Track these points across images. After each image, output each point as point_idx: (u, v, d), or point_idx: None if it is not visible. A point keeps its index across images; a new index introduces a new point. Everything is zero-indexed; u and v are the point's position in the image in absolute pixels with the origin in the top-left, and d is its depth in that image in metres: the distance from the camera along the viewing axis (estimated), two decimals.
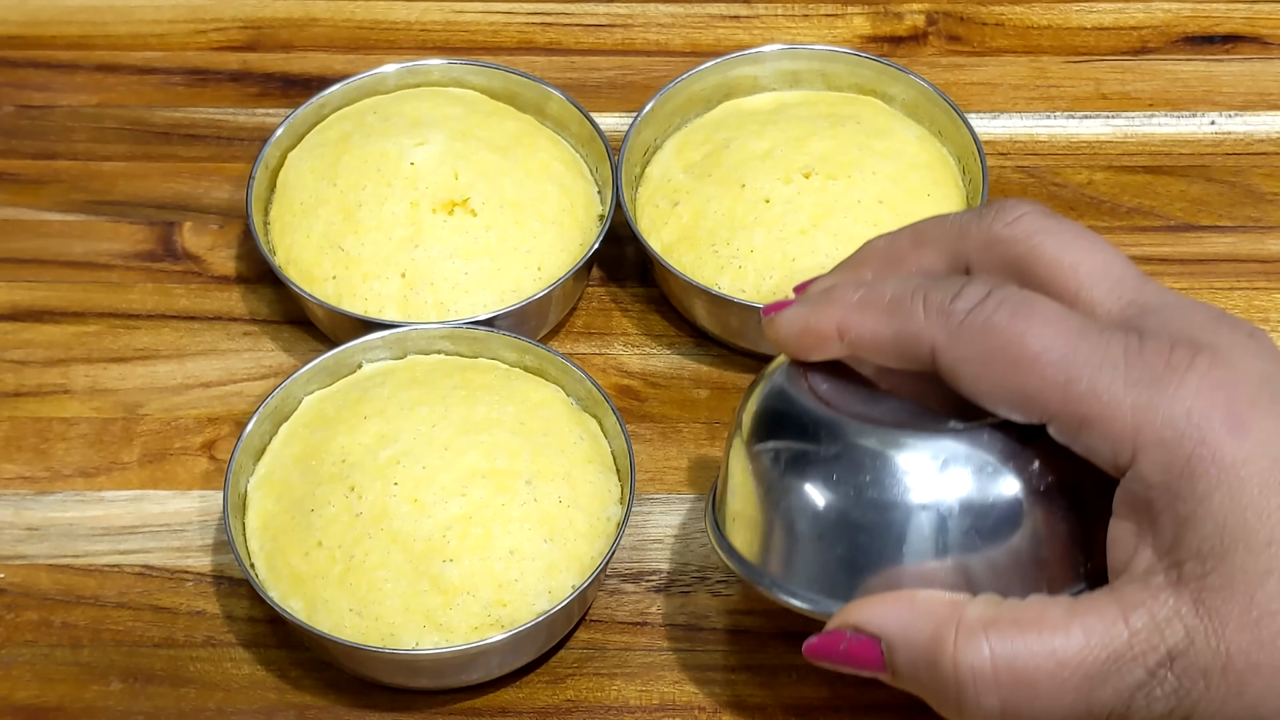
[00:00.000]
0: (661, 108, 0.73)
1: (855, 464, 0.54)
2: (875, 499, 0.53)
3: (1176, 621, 0.49)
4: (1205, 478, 0.49)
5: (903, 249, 0.57)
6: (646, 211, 0.71)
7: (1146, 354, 0.50)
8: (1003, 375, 0.51)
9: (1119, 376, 0.50)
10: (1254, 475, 0.49)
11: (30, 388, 0.70)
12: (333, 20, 0.83)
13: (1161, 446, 0.49)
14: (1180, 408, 0.49)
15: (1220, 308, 0.53)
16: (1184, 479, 0.49)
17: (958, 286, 0.52)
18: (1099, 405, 0.50)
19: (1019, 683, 0.50)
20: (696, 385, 0.70)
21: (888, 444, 0.53)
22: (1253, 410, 0.49)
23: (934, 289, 0.53)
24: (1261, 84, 0.79)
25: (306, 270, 0.69)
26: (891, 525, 0.53)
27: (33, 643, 0.63)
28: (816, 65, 0.74)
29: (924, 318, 0.52)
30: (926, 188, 0.70)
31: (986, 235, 0.54)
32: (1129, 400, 0.50)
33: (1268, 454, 0.49)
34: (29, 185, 0.76)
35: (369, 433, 0.62)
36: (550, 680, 0.62)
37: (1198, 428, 0.49)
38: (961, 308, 0.52)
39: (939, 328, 0.52)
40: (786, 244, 0.68)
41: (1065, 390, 0.50)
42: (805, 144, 0.70)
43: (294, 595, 0.60)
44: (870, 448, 0.53)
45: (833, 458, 0.54)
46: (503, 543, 0.60)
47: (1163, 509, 0.50)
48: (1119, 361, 0.50)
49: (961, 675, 0.51)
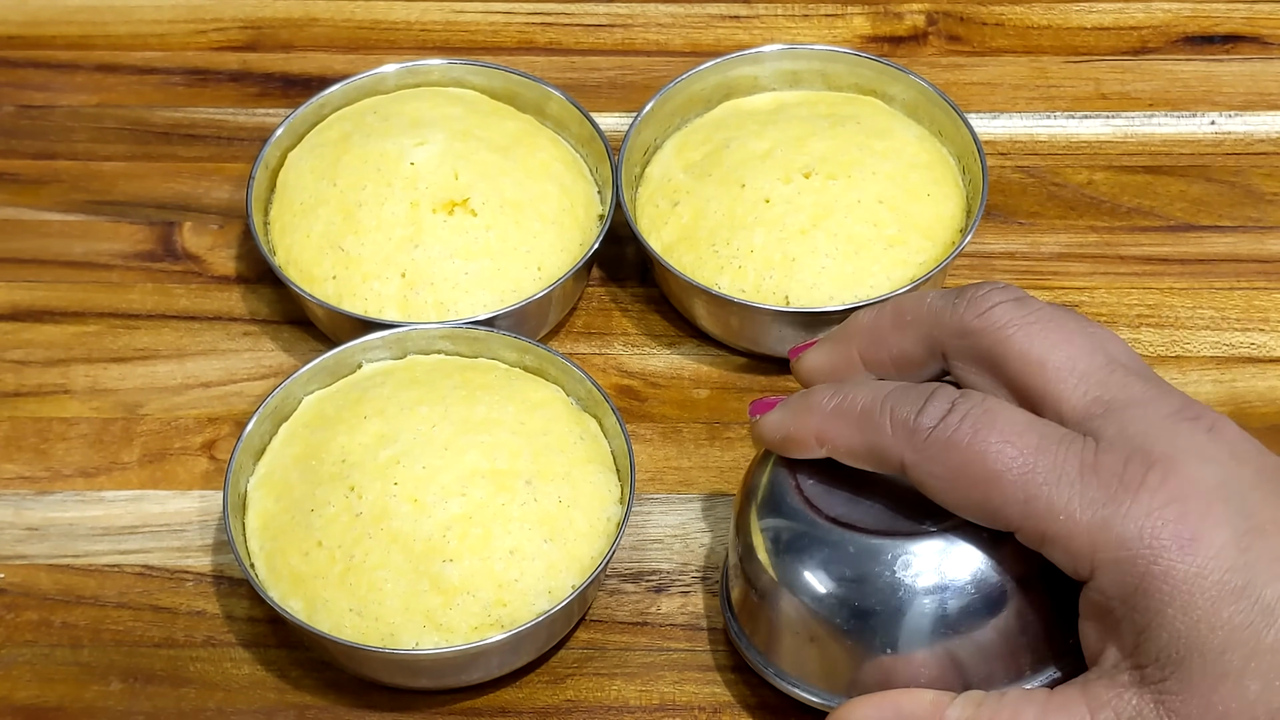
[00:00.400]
0: (661, 108, 0.73)
1: (840, 567, 0.56)
2: (858, 601, 0.56)
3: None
4: (1159, 594, 0.50)
5: (884, 329, 0.58)
6: (646, 211, 0.71)
7: (1102, 469, 0.51)
8: (967, 492, 0.53)
9: (1075, 495, 0.51)
10: (1205, 589, 0.50)
11: (30, 388, 0.70)
12: (333, 20, 0.83)
13: (1116, 565, 0.51)
14: (1133, 527, 0.51)
15: (1186, 395, 0.54)
16: (1139, 595, 0.51)
17: (923, 400, 0.54)
18: (1056, 524, 0.52)
19: None
20: (696, 385, 0.70)
21: (869, 547, 0.56)
22: (1204, 523, 0.50)
23: (901, 402, 0.54)
24: (1261, 84, 0.79)
25: (306, 270, 0.69)
26: (875, 624, 0.55)
27: (33, 643, 0.63)
28: (816, 65, 0.74)
29: (891, 434, 0.54)
30: (926, 188, 0.70)
31: (959, 325, 0.56)
32: (1084, 519, 0.51)
33: (1219, 566, 0.50)
34: (29, 185, 0.76)
35: (369, 433, 0.62)
36: (550, 680, 0.62)
37: (1149, 547, 0.50)
38: (925, 425, 0.53)
39: (905, 444, 0.54)
40: (786, 244, 0.68)
41: (1025, 508, 0.52)
42: (805, 144, 0.70)
43: (294, 595, 0.60)
44: (852, 552, 0.56)
45: (819, 562, 0.56)
46: (503, 543, 0.60)
47: (1122, 618, 0.51)
48: (1075, 479, 0.51)
49: None
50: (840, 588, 0.56)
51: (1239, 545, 0.50)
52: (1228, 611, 0.50)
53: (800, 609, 0.57)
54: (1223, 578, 0.50)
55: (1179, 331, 0.71)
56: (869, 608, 0.55)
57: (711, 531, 0.65)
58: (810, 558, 0.56)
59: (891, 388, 0.55)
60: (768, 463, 0.59)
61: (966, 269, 0.73)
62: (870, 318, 0.58)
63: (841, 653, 0.56)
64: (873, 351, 0.58)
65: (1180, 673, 0.50)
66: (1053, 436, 0.52)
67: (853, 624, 0.56)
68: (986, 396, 0.53)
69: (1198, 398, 0.68)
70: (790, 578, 0.57)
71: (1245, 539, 0.50)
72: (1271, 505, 0.51)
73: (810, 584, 0.56)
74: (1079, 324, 0.55)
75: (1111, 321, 0.71)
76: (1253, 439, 0.53)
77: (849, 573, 0.56)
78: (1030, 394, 0.54)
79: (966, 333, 0.55)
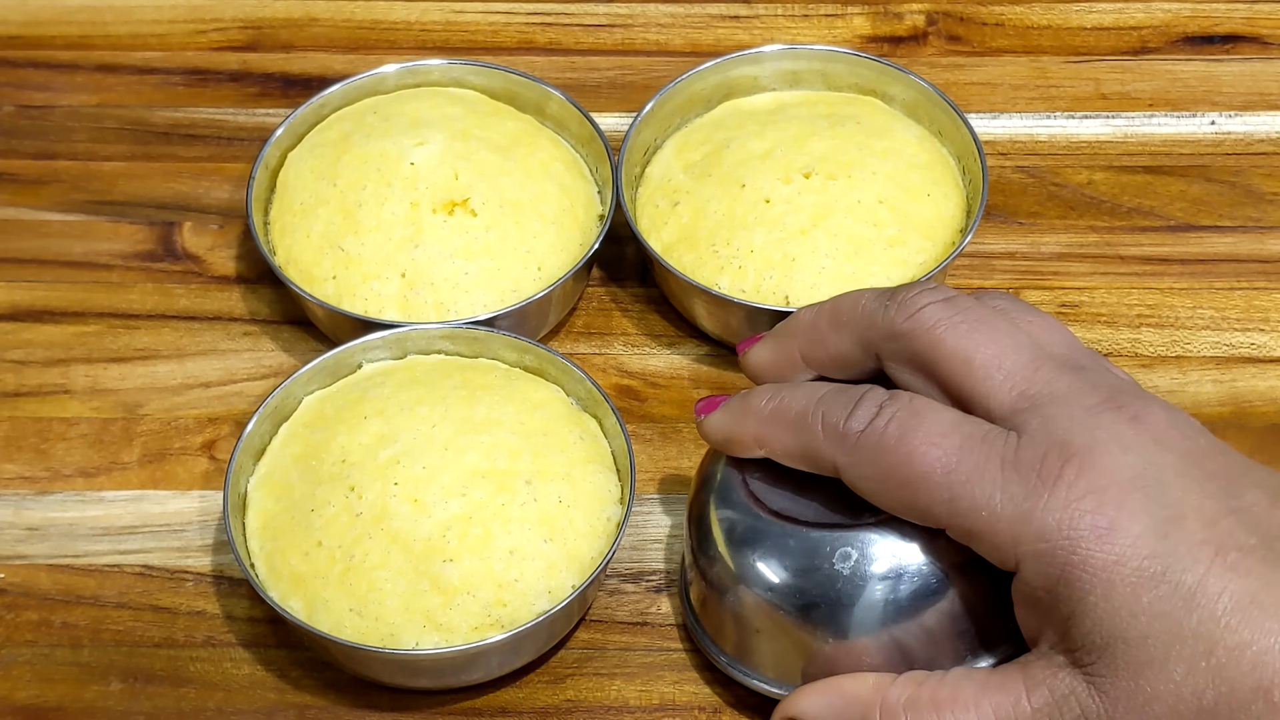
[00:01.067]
0: (661, 108, 0.73)
1: (783, 559, 0.57)
2: (801, 592, 0.57)
3: (1073, 700, 0.52)
4: (1080, 583, 0.51)
5: (823, 329, 0.59)
6: (646, 211, 0.71)
7: (1021, 464, 0.52)
8: (897, 493, 0.54)
9: (996, 491, 0.52)
10: (1124, 577, 0.51)
11: (30, 388, 0.70)
12: (333, 20, 0.83)
13: (1038, 557, 0.52)
14: (1051, 520, 0.52)
15: (1120, 383, 0.55)
16: (1061, 584, 0.52)
17: (853, 404, 0.55)
18: (980, 520, 0.53)
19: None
20: (696, 385, 0.70)
21: (810, 540, 0.57)
22: (1120, 512, 0.51)
23: (832, 406, 0.55)
24: (1261, 84, 0.79)
25: (306, 270, 0.69)
26: (819, 615, 0.57)
27: (33, 643, 0.63)
28: (816, 65, 0.74)
29: (823, 438, 0.55)
30: (926, 188, 0.70)
31: (889, 328, 0.57)
32: (1005, 515, 0.52)
33: (1136, 554, 0.51)
34: (29, 185, 0.76)
35: (369, 433, 0.62)
36: (550, 680, 0.62)
37: (1068, 538, 0.51)
38: (854, 429, 0.55)
39: (837, 448, 0.55)
40: (787, 244, 0.68)
41: (950, 506, 0.53)
42: (805, 144, 0.70)
43: (294, 595, 0.60)
44: (794, 545, 0.57)
45: (764, 554, 0.57)
46: (503, 543, 0.60)
47: (1050, 607, 0.52)
48: (996, 475, 0.53)
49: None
50: (784, 580, 0.57)
51: (1157, 533, 0.51)
52: (1147, 598, 0.50)
53: (747, 600, 0.58)
54: (1140, 565, 0.51)
55: (1179, 331, 0.71)
56: (812, 599, 0.56)
57: None
58: (755, 550, 0.57)
59: (825, 391, 0.56)
60: (719, 458, 0.60)
61: (966, 269, 0.73)
62: (810, 316, 0.59)
63: (788, 643, 0.57)
64: (812, 350, 0.59)
65: (1106, 658, 0.51)
66: (976, 435, 0.53)
67: (797, 615, 0.57)
68: (915, 398, 0.55)
69: (1198, 398, 0.68)
70: (737, 570, 0.58)
71: (1164, 527, 0.51)
72: (1193, 492, 0.52)
73: (756, 576, 0.57)
74: (1008, 320, 0.56)
75: (1111, 321, 0.71)
76: (1188, 421, 0.54)
77: (792, 565, 0.57)
78: (960, 393, 0.55)
79: (897, 335, 0.56)
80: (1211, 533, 0.51)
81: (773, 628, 0.57)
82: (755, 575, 0.57)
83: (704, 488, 0.60)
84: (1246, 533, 0.51)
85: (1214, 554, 0.50)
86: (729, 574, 0.58)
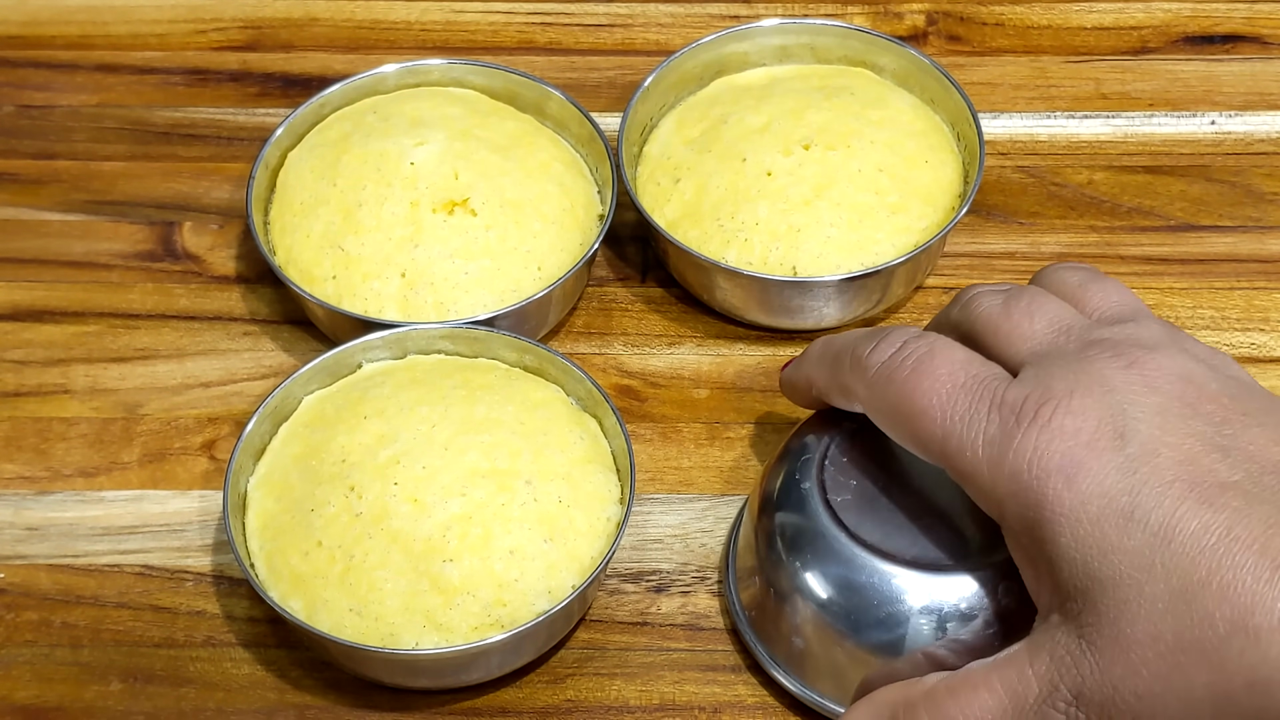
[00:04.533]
0: (657, 85, 0.73)
1: (850, 583, 0.57)
2: (863, 620, 0.57)
3: (1069, 660, 0.51)
4: (1052, 524, 0.51)
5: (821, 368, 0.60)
6: (648, 189, 0.71)
7: (1004, 407, 0.53)
8: (902, 425, 0.55)
9: (979, 432, 0.53)
10: (1089, 517, 0.51)
11: (30, 388, 0.70)
12: (333, 20, 0.83)
13: (1014, 499, 0.52)
14: (1022, 461, 0.52)
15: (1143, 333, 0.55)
16: (1037, 528, 0.52)
17: (879, 339, 0.56)
18: (965, 463, 0.53)
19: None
20: (696, 385, 0.70)
21: (884, 574, 0.57)
22: (1088, 453, 0.51)
23: (863, 341, 0.57)
24: (1261, 84, 0.79)
25: (306, 270, 0.69)
26: (877, 642, 0.57)
27: (33, 643, 0.63)
28: (805, 39, 0.75)
29: (850, 370, 0.57)
30: (924, 154, 0.71)
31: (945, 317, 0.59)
32: (985, 458, 0.53)
33: (1102, 493, 0.51)
34: (29, 185, 0.76)
35: (369, 433, 0.62)
36: (550, 680, 0.62)
37: (1037, 479, 0.51)
38: (874, 362, 0.56)
39: (859, 379, 0.56)
40: (791, 215, 0.68)
41: (943, 445, 0.54)
42: (802, 116, 0.71)
43: (294, 595, 0.60)
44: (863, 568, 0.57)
45: (831, 572, 0.58)
46: (503, 543, 0.60)
47: (1035, 556, 0.52)
48: (983, 416, 0.53)
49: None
50: (847, 602, 0.57)
51: (1125, 469, 0.50)
52: (1116, 536, 0.50)
53: (809, 615, 0.58)
54: (1107, 504, 0.50)
55: None
56: (871, 628, 0.57)
57: (711, 531, 0.65)
58: (825, 567, 0.58)
59: (865, 332, 0.58)
60: (784, 462, 0.60)
61: (967, 269, 0.73)
62: (817, 349, 0.61)
63: (845, 660, 0.58)
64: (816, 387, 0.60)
65: (1088, 603, 0.51)
66: (978, 377, 0.54)
67: (854, 638, 0.57)
68: (939, 338, 0.55)
69: None
70: (802, 584, 0.58)
71: (1133, 463, 0.50)
72: (1173, 431, 0.51)
73: (818, 593, 0.58)
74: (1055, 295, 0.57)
75: None
76: (1211, 367, 0.54)
77: (860, 590, 0.57)
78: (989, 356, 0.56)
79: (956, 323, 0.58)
80: (1186, 469, 0.50)
81: (830, 643, 0.58)
82: (818, 591, 0.58)
83: (771, 494, 0.60)
84: (1230, 469, 0.50)
85: (1187, 490, 0.50)
86: (793, 586, 0.58)
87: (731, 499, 0.66)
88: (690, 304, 0.72)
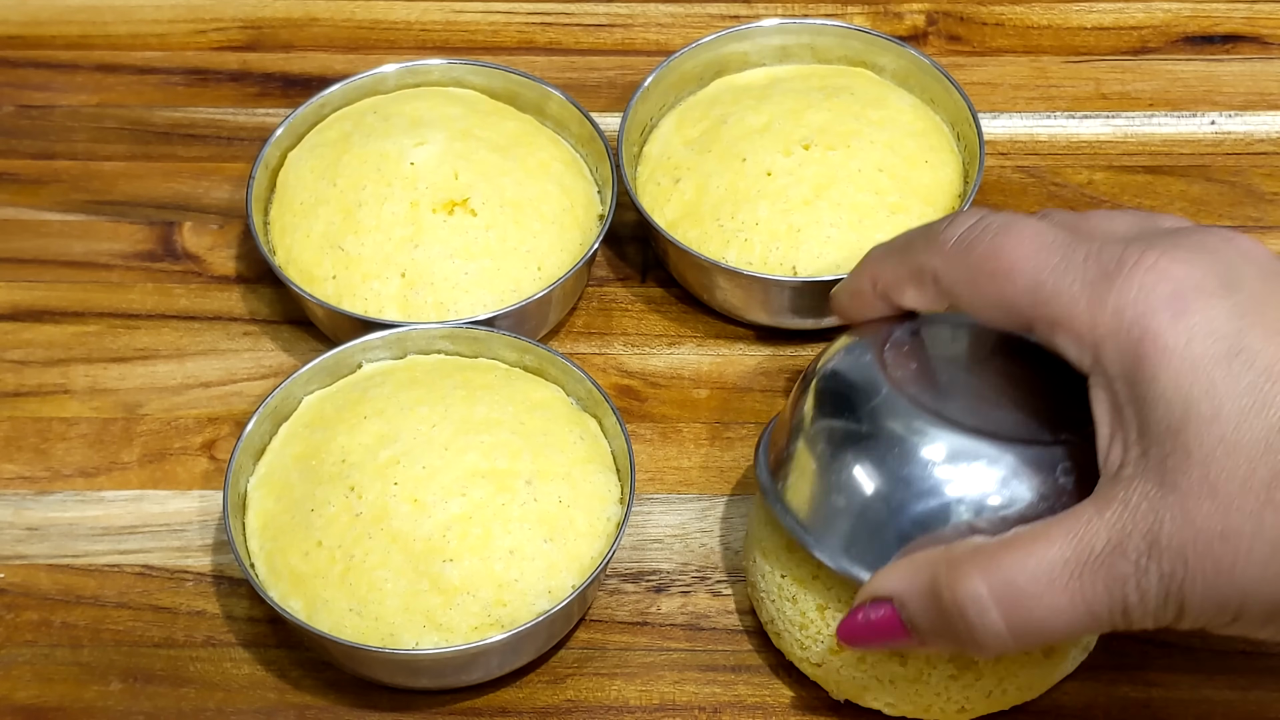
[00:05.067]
0: (657, 85, 0.73)
1: (899, 447, 0.56)
2: (907, 483, 0.56)
3: (1146, 505, 0.51)
4: (1152, 360, 0.51)
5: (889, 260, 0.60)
6: (648, 189, 0.71)
7: (1104, 256, 0.53)
8: (985, 289, 0.55)
9: (1078, 278, 0.53)
10: (1195, 354, 0.50)
11: (30, 388, 0.70)
12: (333, 20, 0.83)
13: (1114, 337, 0.52)
14: (1126, 298, 0.52)
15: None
16: (1135, 364, 0.51)
17: (955, 217, 0.56)
18: (1060, 307, 0.53)
19: (1015, 598, 0.52)
20: (696, 385, 0.70)
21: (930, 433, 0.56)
22: (1196, 294, 0.51)
23: (938, 223, 0.57)
24: (1261, 84, 0.79)
25: (306, 270, 0.69)
26: (919, 508, 0.56)
27: (33, 643, 0.63)
28: (805, 39, 0.75)
29: (925, 249, 0.56)
30: (924, 154, 0.71)
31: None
32: (1084, 298, 0.52)
33: (1209, 332, 0.51)
34: (29, 185, 0.76)
35: (369, 433, 0.62)
36: (550, 680, 0.62)
37: (1142, 315, 0.51)
38: (952, 234, 0.56)
39: (936, 256, 0.56)
40: (791, 214, 0.69)
41: (1033, 296, 0.53)
42: (802, 116, 0.71)
43: (294, 595, 0.60)
44: (916, 435, 0.56)
45: (883, 437, 0.57)
46: (503, 543, 0.60)
47: (1125, 399, 0.52)
48: (1079, 265, 0.53)
49: (961, 603, 0.52)
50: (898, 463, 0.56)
51: (1233, 312, 0.51)
52: (1221, 374, 0.50)
53: (854, 481, 0.57)
54: (1214, 344, 0.50)
55: None
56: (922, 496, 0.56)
57: (711, 531, 0.65)
58: (880, 429, 0.57)
59: (933, 222, 0.58)
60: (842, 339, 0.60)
61: None
62: (877, 250, 0.60)
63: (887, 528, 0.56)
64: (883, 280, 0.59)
65: (1178, 444, 0.50)
66: (1065, 237, 0.54)
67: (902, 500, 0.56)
68: (1014, 214, 0.56)
69: None
70: (856, 448, 0.57)
71: (1240, 308, 0.51)
72: (1276, 292, 0.51)
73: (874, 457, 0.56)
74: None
75: None
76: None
77: (911, 453, 0.56)
78: None
79: None
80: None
81: (872, 512, 0.56)
82: (867, 456, 0.56)
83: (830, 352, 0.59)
84: None
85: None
86: (839, 448, 0.57)
87: (732, 499, 0.66)
88: (690, 304, 0.72)
